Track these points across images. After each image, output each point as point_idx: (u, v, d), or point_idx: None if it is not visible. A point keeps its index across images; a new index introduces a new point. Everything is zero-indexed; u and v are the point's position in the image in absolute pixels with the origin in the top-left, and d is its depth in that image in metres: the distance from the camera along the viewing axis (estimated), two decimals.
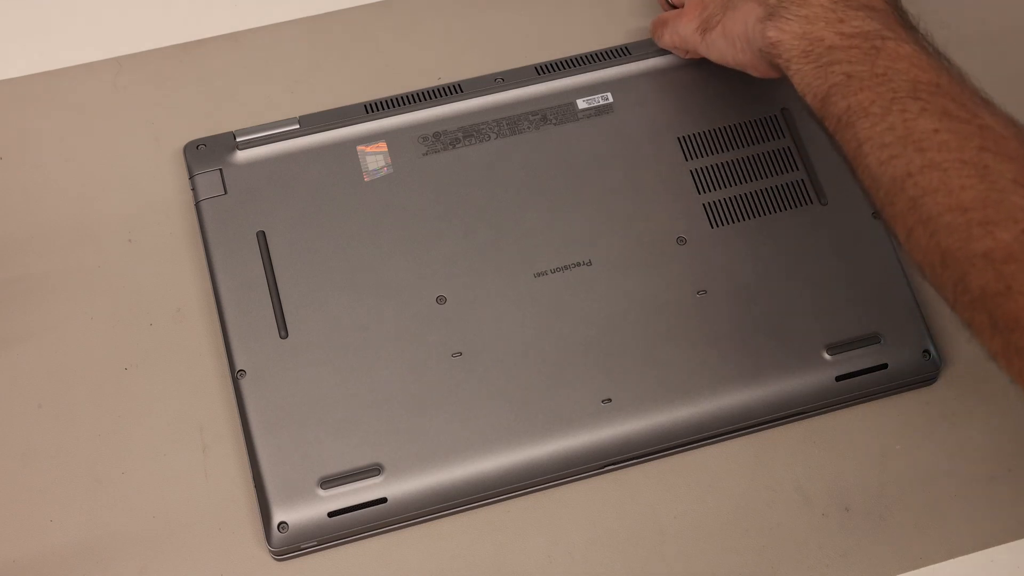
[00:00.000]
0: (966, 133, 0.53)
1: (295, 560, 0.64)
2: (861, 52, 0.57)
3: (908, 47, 0.57)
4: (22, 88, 0.76)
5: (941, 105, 0.54)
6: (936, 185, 0.52)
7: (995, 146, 0.52)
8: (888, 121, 0.55)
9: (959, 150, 0.53)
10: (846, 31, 0.58)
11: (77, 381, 0.68)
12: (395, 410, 0.64)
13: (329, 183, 0.70)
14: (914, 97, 0.55)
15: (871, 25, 0.58)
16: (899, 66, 0.56)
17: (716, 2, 0.67)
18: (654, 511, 0.65)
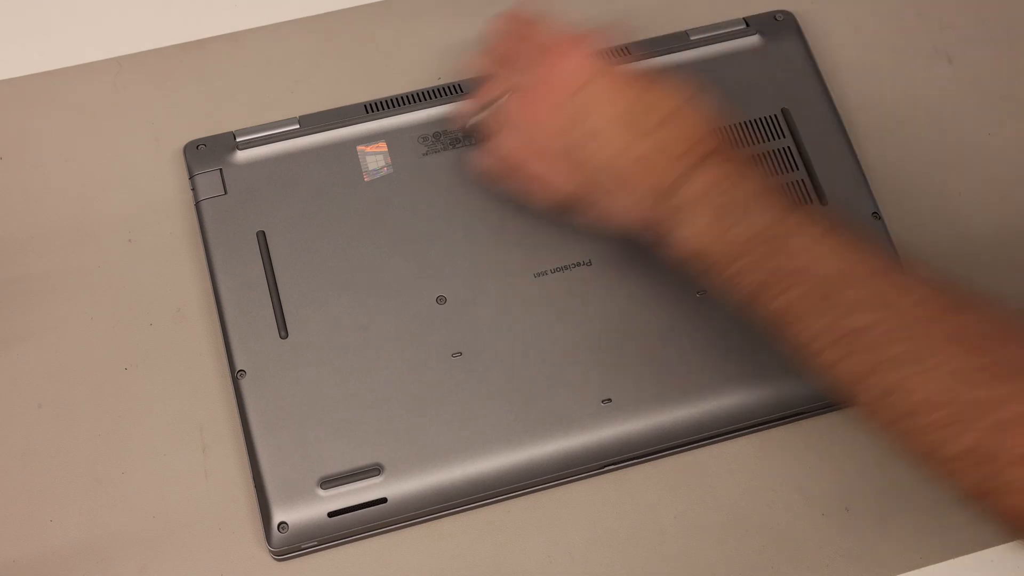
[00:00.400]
0: (897, 322, 0.52)
1: (295, 560, 0.64)
2: (766, 254, 0.56)
3: (808, 238, 0.56)
4: (22, 88, 0.76)
5: (864, 295, 0.54)
6: (891, 386, 0.52)
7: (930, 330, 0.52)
8: (820, 323, 0.54)
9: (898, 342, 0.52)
10: (743, 236, 0.57)
11: (77, 381, 0.68)
12: (395, 410, 0.64)
13: (329, 183, 0.70)
14: (837, 292, 0.54)
15: (765, 223, 0.57)
16: (801, 261, 0.55)
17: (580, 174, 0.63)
18: (654, 511, 0.65)
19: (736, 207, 0.57)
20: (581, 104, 0.62)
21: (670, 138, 0.60)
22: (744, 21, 0.76)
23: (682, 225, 0.59)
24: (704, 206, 0.58)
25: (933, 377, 0.51)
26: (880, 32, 0.79)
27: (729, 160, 0.59)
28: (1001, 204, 0.74)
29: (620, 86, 0.61)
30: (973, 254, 0.72)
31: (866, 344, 0.53)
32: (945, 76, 0.77)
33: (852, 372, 0.53)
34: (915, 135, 0.75)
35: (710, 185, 0.58)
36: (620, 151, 0.61)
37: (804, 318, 0.55)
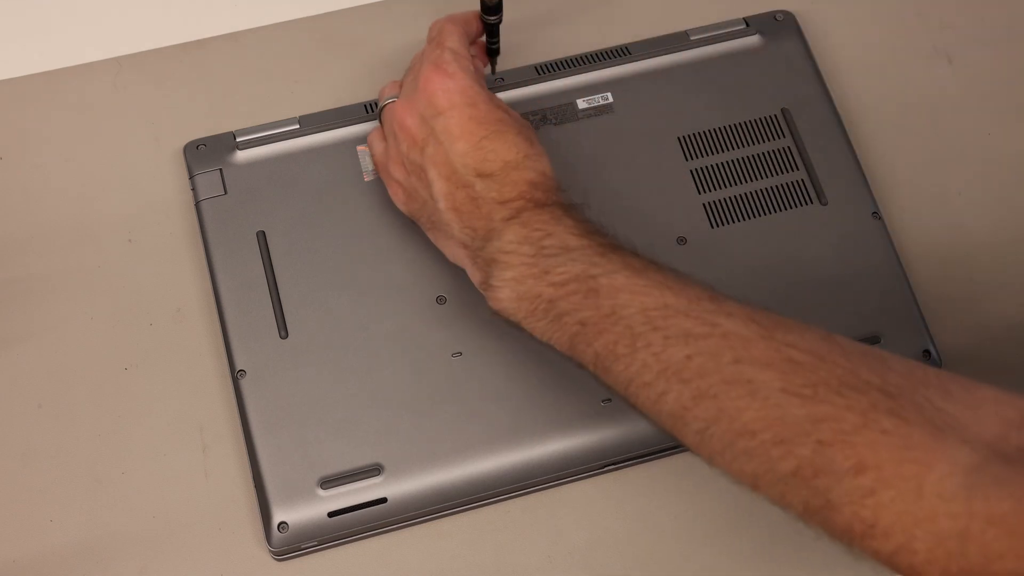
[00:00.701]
0: (715, 350, 0.52)
1: (295, 560, 0.64)
2: (581, 297, 0.56)
3: (620, 276, 0.56)
4: (22, 88, 0.76)
5: (680, 327, 0.53)
6: (715, 414, 0.52)
7: (747, 355, 0.51)
8: (640, 359, 0.54)
9: (718, 371, 0.52)
10: (557, 280, 0.57)
11: (77, 381, 0.68)
12: (395, 410, 0.64)
13: (329, 183, 0.70)
14: (652, 328, 0.54)
15: (576, 267, 0.57)
16: (621, 299, 0.55)
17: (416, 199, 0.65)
18: (654, 511, 0.65)
19: (549, 254, 0.58)
20: (431, 131, 0.62)
21: (503, 184, 0.60)
22: (744, 21, 0.76)
23: (495, 276, 0.59)
24: (516, 256, 0.58)
25: (759, 398, 0.50)
26: (880, 32, 0.79)
27: (544, 210, 0.59)
28: (1001, 204, 0.74)
29: (471, 127, 0.62)
30: (973, 254, 0.72)
31: (687, 375, 0.52)
32: (945, 76, 0.77)
33: (676, 405, 0.53)
34: (915, 135, 0.75)
35: (524, 236, 0.58)
36: (441, 195, 0.62)
37: (624, 357, 0.54)
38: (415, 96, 0.64)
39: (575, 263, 0.57)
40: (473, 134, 0.61)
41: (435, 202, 0.62)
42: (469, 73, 0.63)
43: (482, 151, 0.61)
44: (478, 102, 0.62)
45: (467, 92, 0.62)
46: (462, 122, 0.62)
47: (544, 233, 0.58)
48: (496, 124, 0.62)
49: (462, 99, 0.62)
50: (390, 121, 0.66)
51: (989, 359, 0.69)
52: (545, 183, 0.61)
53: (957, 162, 0.75)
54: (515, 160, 0.61)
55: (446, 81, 0.63)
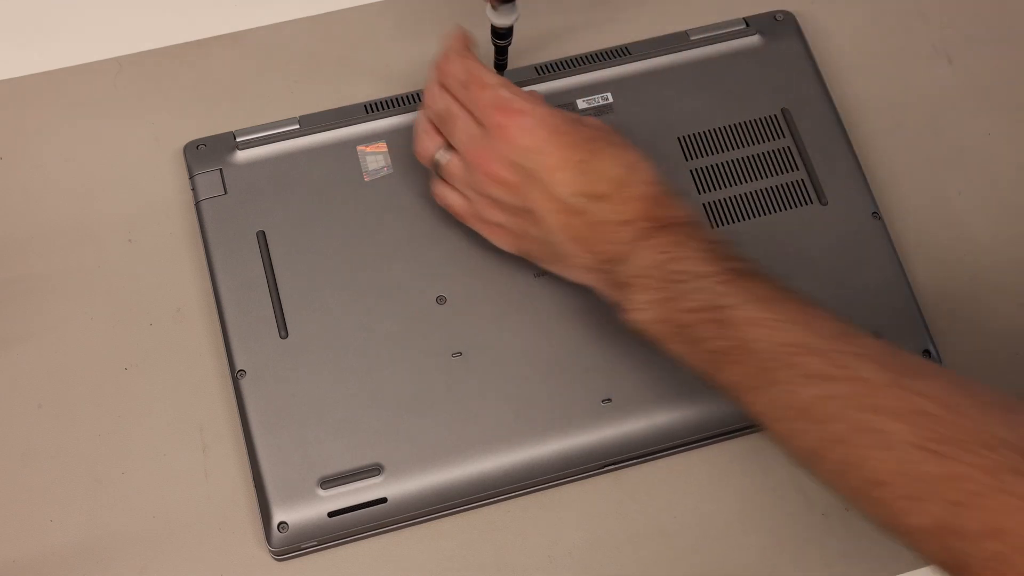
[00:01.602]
0: (848, 394, 0.52)
1: (295, 560, 0.64)
2: (714, 326, 0.56)
3: (748, 310, 0.55)
4: (22, 88, 0.76)
5: (813, 367, 0.53)
6: (845, 460, 0.52)
7: (880, 403, 0.51)
8: (771, 394, 0.54)
9: (848, 417, 0.51)
10: (688, 307, 0.56)
11: (77, 381, 0.68)
12: (395, 410, 0.64)
13: (329, 183, 0.70)
14: (786, 365, 0.53)
15: (706, 296, 0.56)
16: (751, 333, 0.55)
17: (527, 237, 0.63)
18: (654, 511, 0.65)
19: (678, 280, 0.57)
20: (526, 173, 0.61)
21: (620, 204, 0.59)
22: (744, 21, 0.76)
23: (627, 300, 0.59)
24: (646, 281, 0.58)
25: (888, 449, 0.50)
26: (880, 32, 0.79)
27: (668, 231, 0.58)
28: (1001, 204, 0.74)
29: (565, 154, 0.60)
30: (973, 254, 0.72)
31: (818, 416, 0.52)
32: (945, 76, 0.77)
33: (809, 445, 0.53)
34: (915, 135, 0.75)
35: (652, 260, 0.58)
36: (557, 228, 0.61)
37: (756, 391, 0.54)
38: (491, 144, 0.62)
39: (702, 292, 0.56)
40: (570, 161, 0.60)
41: (551, 236, 0.61)
42: (530, 99, 0.62)
43: (586, 175, 0.60)
44: (560, 128, 0.61)
45: (546, 122, 0.61)
46: (555, 153, 0.60)
47: (670, 256, 0.58)
48: (588, 143, 0.61)
49: (545, 131, 0.61)
50: (466, 175, 0.64)
51: (989, 359, 0.69)
52: (659, 196, 0.60)
53: (957, 162, 0.75)
54: (621, 175, 0.60)
55: (520, 119, 0.61)
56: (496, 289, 0.67)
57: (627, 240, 0.59)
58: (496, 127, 0.61)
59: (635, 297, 0.58)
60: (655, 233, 0.58)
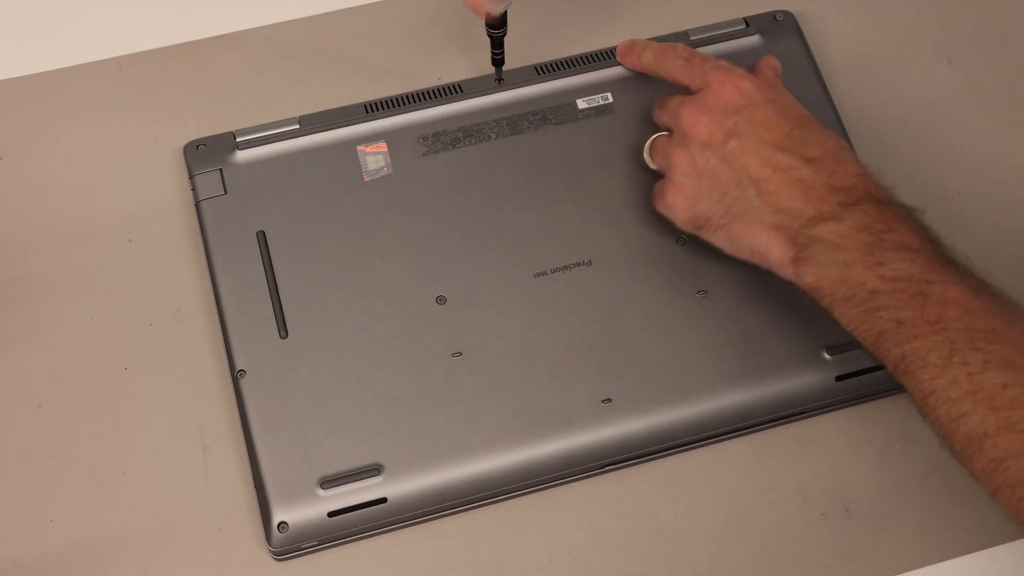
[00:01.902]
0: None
1: (295, 560, 0.64)
2: (907, 296, 0.55)
3: (956, 289, 0.55)
4: (22, 88, 0.76)
5: (1003, 355, 0.52)
6: (1018, 448, 0.51)
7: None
8: (951, 374, 0.53)
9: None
10: (888, 275, 0.56)
11: (77, 381, 0.68)
12: (395, 410, 0.64)
13: (329, 183, 0.70)
14: (973, 348, 0.53)
15: (913, 268, 0.56)
16: (951, 312, 0.54)
17: (711, 196, 0.64)
18: (654, 511, 0.65)
19: (887, 248, 0.57)
20: (732, 128, 0.63)
21: (833, 171, 0.60)
22: (744, 21, 0.76)
23: (822, 254, 0.58)
24: (854, 240, 0.58)
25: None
26: (880, 32, 0.79)
27: (886, 208, 0.59)
28: (1001, 204, 0.74)
29: (777, 119, 0.62)
30: (973, 254, 0.72)
31: (999, 403, 0.52)
32: (945, 76, 0.77)
33: (978, 429, 0.52)
34: (915, 135, 0.75)
35: (864, 224, 0.58)
36: (778, 168, 0.61)
37: (934, 367, 0.54)
38: (706, 101, 0.64)
39: (914, 264, 0.56)
40: (782, 125, 0.62)
41: (743, 190, 0.62)
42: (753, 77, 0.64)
43: (796, 139, 0.61)
44: (777, 98, 0.63)
45: (763, 90, 0.63)
46: (768, 115, 0.62)
47: (886, 227, 0.58)
48: (801, 118, 0.63)
49: (761, 96, 0.63)
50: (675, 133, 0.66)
51: None
52: (873, 177, 0.61)
53: (957, 162, 0.75)
54: (836, 149, 0.61)
55: (740, 81, 0.64)
56: (496, 289, 0.67)
57: (839, 202, 0.59)
58: (717, 84, 0.64)
59: (832, 254, 0.58)
60: (871, 204, 0.59)
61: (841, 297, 0.58)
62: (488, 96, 0.73)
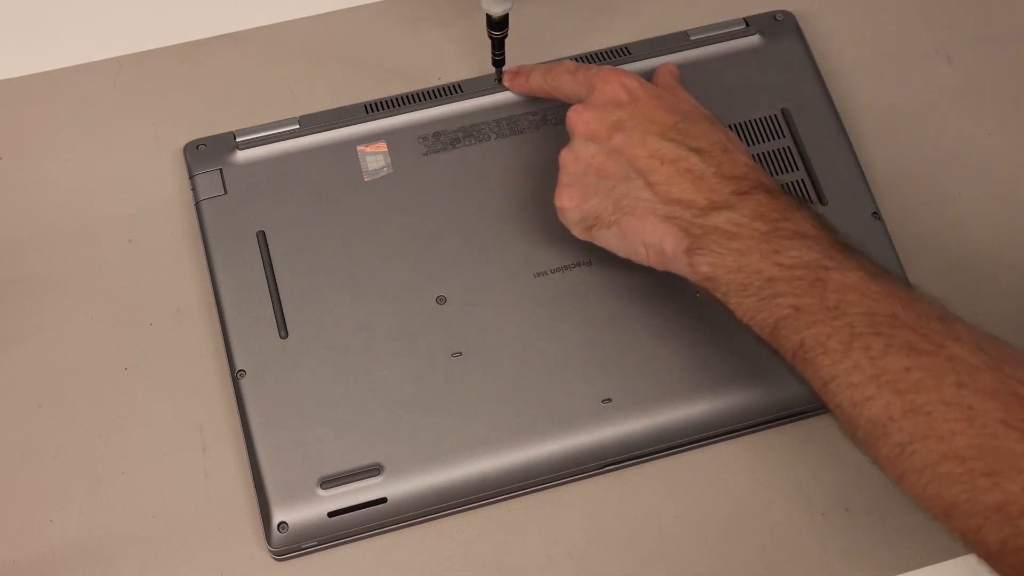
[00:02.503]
0: (938, 369, 0.50)
1: (295, 560, 0.64)
2: (806, 284, 0.55)
3: (854, 275, 0.54)
4: (22, 88, 0.76)
5: (905, 339, 0.52)
6: (924, 431, 0.50)
7: (971, 380, 0.50)
8: (852, 359, 0.52)
9: (937, 390, 0.50)
10: (785, 262, 0.56)
11: (77, 381, 0.68)
12: (395, 410, 0.64)
13: (329, 183, 0.70)
14: (875, 332, 0.52)
15: (811, 255, 0.55)
16: (850, 297, 0.54)
17: (598, 192, 0.63)
18: (654, 511, 0.65)
19: (783, 235, 0.57)
20: (616, 123, 0.62)
21: (722, 161, 0.60)
22: (744, 21, 0.76)
23: (717, 243, 0.58)
24: (748, 229, 0.57)
25: (976, 425, 0.49)
26: (880, 32, 0.79)
27: (779, 197, 0.59)
28: (1001, 204, 0.74)
29: (661, 114, 0.62)
30: (973, 254, 0.72)
31: (903, 386, 0.51)
32: (945, 76, 0.77)
33: (882, 414, 0.51)
34: (915, 135, 0.75)
35: (759, 212, 0.57)
36: (666, 159, 0.60)
37: (834, 353, 0.53)
38: (590, 100, 0.64)
39: (810, 250, 0.56)
40: (667, 118, 0.62)
41: (630, 184, 0.61)
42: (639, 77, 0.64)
43: (681, 131, 0.61)
44: (662, 95, 0.63)
45: (648, 87, 0.64)
46: (653, 109, 0.62)
47: (780, 216, 0.57)
48: (687, 112, 0.63)
49: (646, 92, 0.63)
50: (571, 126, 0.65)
51: None
52: (761, 169, 0.61)
53: (957, 162, 0.75)
54: (722, 141, 0.61)
55: (624, 79, 0.63)
56: (496, 289, 0.67)
57: (731, 191, 0.59)
58: (601, 81, 0.64)
59: (726, 243, 0.57)
60: (764, 194, 0.58)
61: (737, 286, 0.57)
62: (488, 96, 0.73)
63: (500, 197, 0.70)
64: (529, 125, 0.72)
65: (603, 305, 0.67)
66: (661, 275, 0.67)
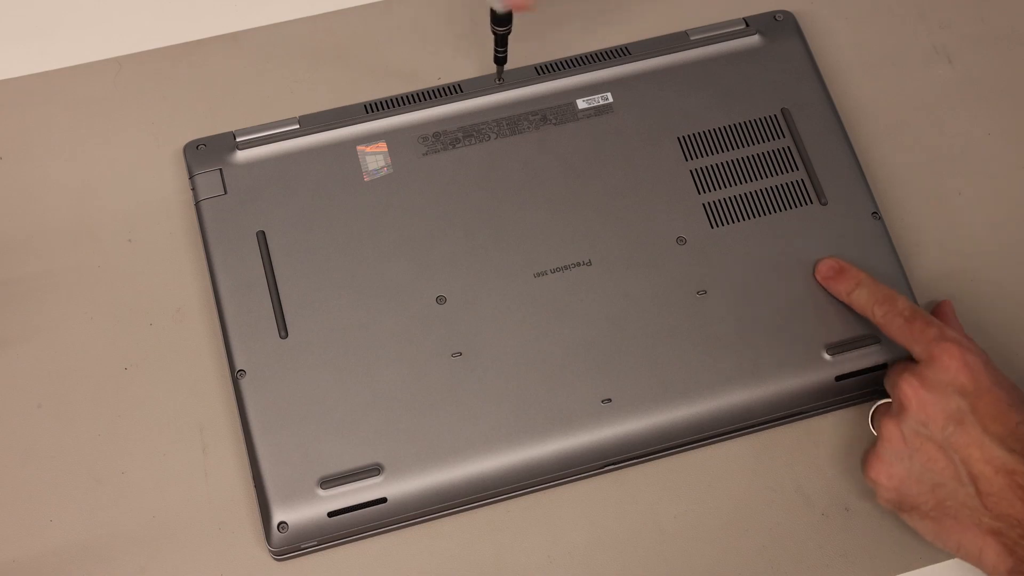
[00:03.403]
0: None
1: (295, 560, 0.64)
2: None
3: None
4: (22, 88, 0.76)
5: None
6: None
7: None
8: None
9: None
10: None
11: (77, 381, 0.68)
12: (395, 410, 0.64)
13: (329, 183, 0.70)
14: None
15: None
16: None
17: (922, 482, 0.60)
18: (654, 511, 0.65)
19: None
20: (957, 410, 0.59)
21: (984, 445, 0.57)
22: (744, 21, 0.76)
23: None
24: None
25: None
26: (880, 32, 0.79)
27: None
28: (1001, 204, 0.74)
29: (1003, 408, 0.58)
30: (973, 254, 0.72)
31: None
32: (945, 76, 0.77)
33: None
34: (915, 135, 0.75)
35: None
36: (1002, 470, 0.57)
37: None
38: (928, 375, 0.60)
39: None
40: (1009, 418, 0.58)
41: (962, 485, 0.58)
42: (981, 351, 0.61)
43: (1021, 439, 0.57)
44: (1002, 382, 0.59)
45: (991, 370, 0.59)
46: (994, 403, 0.58)
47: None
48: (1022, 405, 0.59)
49: (989, 378, 0.59)
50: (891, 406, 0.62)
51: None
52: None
53: (957, 162, 0.75)
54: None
55: (970, 357, 0.59)
56: (496, 289, 0.67)
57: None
58: (943, 356, 0.60)
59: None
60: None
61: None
62: (488, 96, 0.73)
63: (500, 197, 0.70)
64: (529, 125, 0.72)
65: (603, 305, 0.67)
66: (661, 275, 0.68)
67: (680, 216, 0.70)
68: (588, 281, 0.68)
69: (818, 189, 0.71)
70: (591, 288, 0.67)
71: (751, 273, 0.68)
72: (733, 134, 0.72)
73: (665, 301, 0.67)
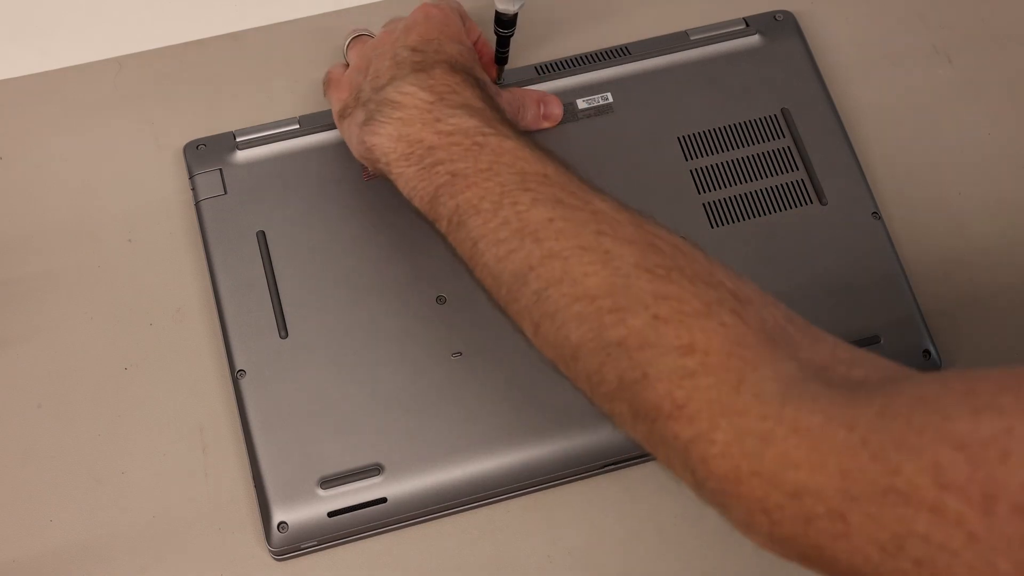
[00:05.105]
0: (581, 219, 0.52)
1: (295, 560, 0.64)
2: (463, 149, 0.56)
3: (510, 142, 0.56)
4: (22, 88, 0.76)
5: (551, 194, 0.53)
6: (559, 275, 0.51)
7: (611, 230, 0.51)
8: (501, 216, 0.53)
9: (576, 236, 0.51)
10: (444, 129, 0.57)
11: (77, 381, 0.68)
12: (395, 410, 0.64)
13: (329, 183, 0.70)
14: (523, 188, 0.53)
15: (469, 122, 0.57)
16: (504, 160, 0.55)
17: (353, 86, 0.65)
18: (654, 511, 0.65)
19: (448, 105, 0.58)
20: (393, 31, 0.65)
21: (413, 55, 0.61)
22: (744, 21, 0.76)
23: (382, 113, 0.59)
24: (412, 99, 0.59)
25: (610, 267, 0.50)
26: (880, 32, 0.79)
27: (457, 73, 0.60)
28: (1001, 204, 0.74)
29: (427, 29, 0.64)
30: (973, 254, 0.72)
31: (544, 235, 0.52)
32: (945, 76, 0.77)
33: (523, 264, 0.52)
34: (915, 135, 0.75)
35: (429, 84, 0.59)
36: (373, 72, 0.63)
37: (485, 212, 0.54)
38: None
39: (471, 119, 0.57)
40: (429, 33, 0.63)
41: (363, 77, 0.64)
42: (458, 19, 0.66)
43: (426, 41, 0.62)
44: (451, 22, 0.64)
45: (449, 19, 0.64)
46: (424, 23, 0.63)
47: (450, 89, 0.59)
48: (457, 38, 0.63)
49: (441, 16, 0.64)
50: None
51: (989, 359, 0.69)
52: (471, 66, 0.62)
53: (957, 162, 0.75)
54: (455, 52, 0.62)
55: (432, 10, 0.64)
56: None
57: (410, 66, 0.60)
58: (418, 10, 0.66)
59: (391, 112, 0.59)
60: (442, 69, 0.60)
61: (398, 156, 0.58)
62: None
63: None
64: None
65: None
66: None
67: (680, 216, 0.70)
68: None
69: (818, 189, 0.71)
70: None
71: (751, 273, 0.68)
72: (733, 134, 0.72)
73: None
